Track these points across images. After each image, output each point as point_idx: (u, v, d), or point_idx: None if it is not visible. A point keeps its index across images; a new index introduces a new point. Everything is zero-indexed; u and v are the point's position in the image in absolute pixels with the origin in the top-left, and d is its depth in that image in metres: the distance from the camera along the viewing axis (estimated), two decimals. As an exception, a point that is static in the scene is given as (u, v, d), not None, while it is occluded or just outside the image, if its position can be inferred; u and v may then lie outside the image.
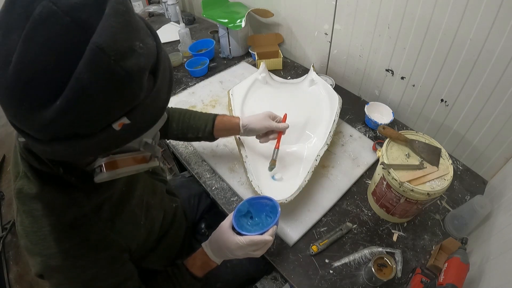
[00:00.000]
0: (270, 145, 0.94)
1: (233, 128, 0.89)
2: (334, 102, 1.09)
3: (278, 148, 0.91)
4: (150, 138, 0.53)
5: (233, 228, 0.67)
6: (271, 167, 0.91)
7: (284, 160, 1.00)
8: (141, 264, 0.70)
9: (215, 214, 1.07)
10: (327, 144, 0.95)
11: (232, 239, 0.65)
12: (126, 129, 0.40)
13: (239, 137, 0.98)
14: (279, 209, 0.70)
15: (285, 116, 0.95)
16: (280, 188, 0.89)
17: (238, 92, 1.15)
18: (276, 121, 0.91)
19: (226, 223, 0.69)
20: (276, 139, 0.91)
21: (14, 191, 0.53)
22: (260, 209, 0.76)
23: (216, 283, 0.86)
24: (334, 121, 1.02)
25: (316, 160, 0.91)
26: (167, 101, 0.47)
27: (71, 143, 0.38)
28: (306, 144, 1.04)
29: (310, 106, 1.13)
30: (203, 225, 1.04)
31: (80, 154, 0.41)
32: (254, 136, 0.93)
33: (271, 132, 0.90)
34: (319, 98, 1.15)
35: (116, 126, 0.38)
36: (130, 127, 0.40)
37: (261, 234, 0.65)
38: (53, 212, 0.50)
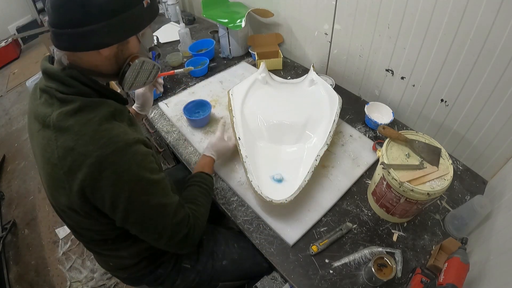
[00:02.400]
0: (272, 147, 1.03)
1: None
2: (334, 102, 1.08)
3: (174, 73, 1.19)
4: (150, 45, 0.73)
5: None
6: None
7: (284, 160, 1.00)
8: None
9: None
10: (327, 144, 0.95)
11: (226, 143, 0.98)
12: (146, 9, 0.61)
13: (238, 137, 0.97)
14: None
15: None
16: (280, 188, 0.90)
17: (238, 92, 1.14)
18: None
19: (218, 135, 0.98)
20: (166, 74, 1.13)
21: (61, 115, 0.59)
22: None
23: (223, 260, 0.93)
24: (334, 121, 1.01)
25: (316, 160, 0.91)
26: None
27: (127, 15, 0.58)
28: (306, 144, 1.03)
29: (310, 106, 1.13)
30: None
31: (129, 30, 0.61)
32: (254, 138, 0.99)
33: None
34: (319, 98, 1.14)
35: (144, 3, 0.60)
36: (148, 9, 0.61)
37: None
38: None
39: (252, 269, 0.95)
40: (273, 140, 1.05)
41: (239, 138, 0.97)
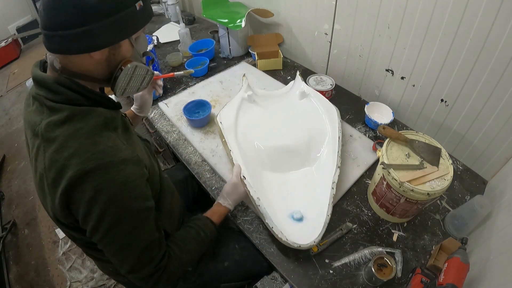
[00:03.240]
0: (278, 177, 0.96)
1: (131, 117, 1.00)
2: (331, 114, 1.05)
3: (174, 75, 1.06)
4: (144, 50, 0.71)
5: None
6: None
7: (295, 190, 0.92)
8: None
9: (206, 196, 1.07)
10: (339, 166, 0.91)
11: (242, 189, 0.89)
12: (140, 12, 0.60)
13: (243, 176, 0.87)
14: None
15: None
16: (303, 228, 0.82)
17: (227, 119, 1.05)
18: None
19: (234, 180, 0.89)
20: (166, 76, 1.06)
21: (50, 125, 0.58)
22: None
23: (224, 261, 0.92)
24: (339, 138, 0.97)
25: (333, 188, 0.86)
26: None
27: (120, 17, 0.56)
28: (313, 168, 0.97)
29: (308, 123, 1.06)
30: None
31: (122, 32, 0.59)
32: (257, 171, 0.92)
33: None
34: (314, 112, 1.09)
35: (136, 5, 0.58)
36: (140, 12, 0.60)
37: None
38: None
39: (254, 268, 0.95)
40: (276, 168, 0.97)
41: (244, 177, 0.87)
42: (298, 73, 1.24)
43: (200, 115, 1.19)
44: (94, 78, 0.63)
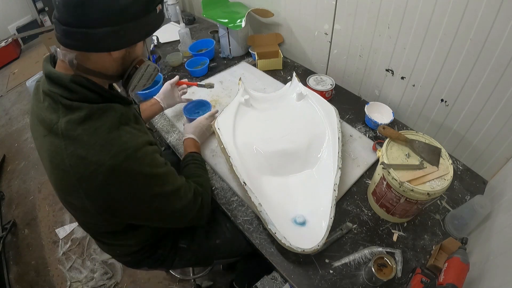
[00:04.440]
0: (279, 181, 0.95)
1: (157, 113, 1.12)
2: (330, 115, 1.04)
3: (198, 84, 1.16)
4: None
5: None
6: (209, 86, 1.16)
7: (297, 193, 0.92)
8: None
9: None
10: (340, 167, 0.90)
11: (203, 120, 1.06)
12: (158, 15, 0.63)
13: (243, 182, 0.86)
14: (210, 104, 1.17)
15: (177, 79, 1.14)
16: (306, 232, 0.82)
17: (224, 125, 1.02)
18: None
19: (201, 118, 1.06)
20: (186, 85, 1.16)
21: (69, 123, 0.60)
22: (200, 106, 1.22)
23: (216, 239, 0.98)
24: (339, 138, 0.97)
25: (335, 190, 0.85)
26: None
27: (142, 20, 0.59)
28: (314, 170, 0.96)
29: (307, 125, 1.05)
30: None
31: (145, 33, 0.63)
32: (257, 176, 0.94)
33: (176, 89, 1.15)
34: (312, 114, 1.08)
35: (157, 9, 0.62)
36: (159, 15, 0.63)
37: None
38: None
39: (245, 246, 0.98)
40: (277, 172, 0.96)
41: (244, 183, 0.86)
42: (294, 74, 1.24)
43: (200, 114, 1.19)
44: (107, 75, 0.66)
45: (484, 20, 0.77)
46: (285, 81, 1.35)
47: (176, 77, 1.15)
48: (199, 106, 1.21)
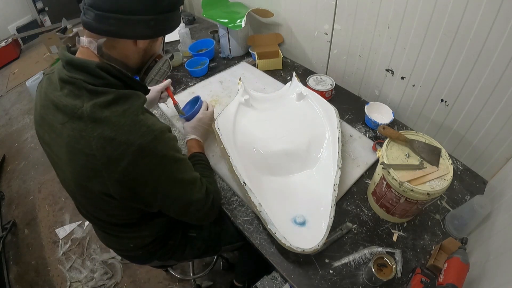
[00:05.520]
0: (279, 181, 0.95)
1: None
2: (330, 114, 1.04)
3: (176, 104, 1.08)
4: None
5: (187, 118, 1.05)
6: (180, 114, 1.08)
7: (297, 193, 0.91)
8: None
9: None
10: (340, 168, 0.90)
11: (201, 117, 1.02)
12: (180, 14, 0.68)
13: (243, 182, 0.86)
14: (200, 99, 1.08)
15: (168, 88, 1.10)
16: (306, 232, 0.82)
17: (224, 125, 1.01)
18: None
19: (198, 115, 1.03)
20: (171, 97, 1.09)
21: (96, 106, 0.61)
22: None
23: (222, 225, 1.00)
24: (339, 138, 0.96)
25: (335, 190, 0.86)
26: None
27: (170, 15, 0.64)
28: (314, 170, 0.96)
29: (307, 125, 1.05)
30: None
31: (169, 28, 0.67)
32: (258, 176, 0.94)
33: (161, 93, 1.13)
34: (312, 114, 1.08)
35: (180, 8, 0.67)
36: (180, 14, 0.68)
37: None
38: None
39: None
40: (277, 172, 0.96)
41: (244, 183, 0.86)
42: (294, 74, 1.24)
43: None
44: (127, 66, 0.69)
45: (484, 20, 0.77)
46: (285, 81, 1.35)
47: (168, 81, 1.10)
48: (193, 106, 1.16)
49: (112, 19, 0.58)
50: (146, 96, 0.96)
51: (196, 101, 1.17)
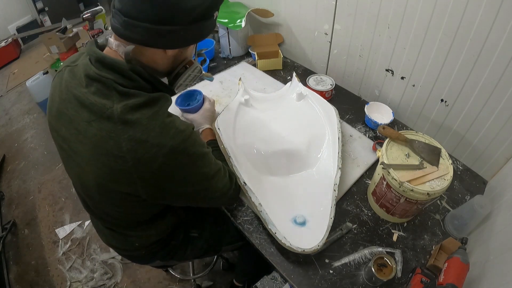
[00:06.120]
0: (279, 181, 0.94)
1: None
2: (330, 114, 1.04)
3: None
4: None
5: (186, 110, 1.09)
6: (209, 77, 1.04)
7: (297, 193, 0.92)
8: None
9: None
10: (340, 168, 0.90)
11: (209, 107, 1.08)
12: (214, 20, 0.65)
13: (244, 182, 0.85)
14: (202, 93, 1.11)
15: None
16: (306, 232, 0.82)
17: (224, 125, 1.00)
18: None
19: (207, 106, 1.08)
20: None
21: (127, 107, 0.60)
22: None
23: (223, 224, 1.01)
24: (339, 138, 0.96)
25: (335, 190, 0.86)
26: None
27: (202, 23, 0.61)
28: (314, 170, 0.96)
29: (307, 125, 1.05)
30: None
31: (200, 36, 0.65)
32: (258, 176, 0.94)
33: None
34: (312, 114, 1.08)
35: (214, 15, 0.64)
36: (214, 21, 0.66)
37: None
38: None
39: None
40: (277, 171, 0.96)
41: (244, 183, 0.86)
42: (294, 74, 1.24)
43: (193, 104, 1.12)
44: (156, 71, 0.68)
45: (484, 20, 0.77)
46: (285, 81, 1.35)
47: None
48: (188, 97, 1.16)
49: (140, 28, 0.56)
50: None
51: (189, 94, 1.16)
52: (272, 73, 1.43)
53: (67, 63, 0.68)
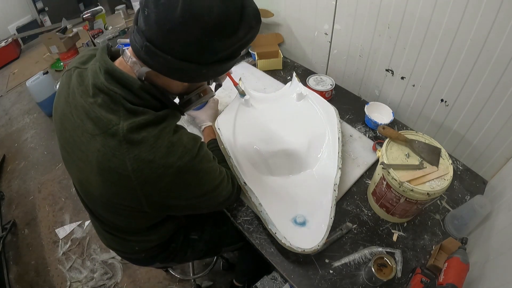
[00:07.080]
0: (279, 181, 0.95)
1: None
2: (330, 115, 1.04)
3: (237, 85, 1.08)
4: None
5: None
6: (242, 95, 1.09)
7: (297, 193, 0.92)
8: None
9: None
10: (340, 168, 0.91)
11: (213, 105, 1.10)
12: (239, 58, 0.65)
13: (244, 182, 0.86)
14: None
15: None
16: (306, 232, 0.82)
17: (224, 125, 1.01)
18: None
19: (211, 103, 1.09)
20: (231, 79, 1.06)
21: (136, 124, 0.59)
22: None
23: (223, 226, 1.02)
24: (339, 138, 0.97)
25: (335, 190, 0.86)
26: None
27: (221, 65, 0.59)
28: (314, 170, 0.96)
29: (307, 125, 1.05)
30: None
31: (222, 73, 0.63)
32: (258, 176, 0.95)
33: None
34: (312, 114, 1.08)
35: (240, 53, 0.62)
36: (239, 58, 0.65)
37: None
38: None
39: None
40: (277, 171, 0.96)
41: (244, 183, 0.86)
42: (294, 74, 1.24)
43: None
44: (168, 92, 0.66)
45: (484, 20, 0.77)
46: (285, 81, 1.35)
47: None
48: None
49: (162, 58, 0.53)
50: None
51: None
52: (272, 73, 1.43)
53: (77, 64, 0.66)
